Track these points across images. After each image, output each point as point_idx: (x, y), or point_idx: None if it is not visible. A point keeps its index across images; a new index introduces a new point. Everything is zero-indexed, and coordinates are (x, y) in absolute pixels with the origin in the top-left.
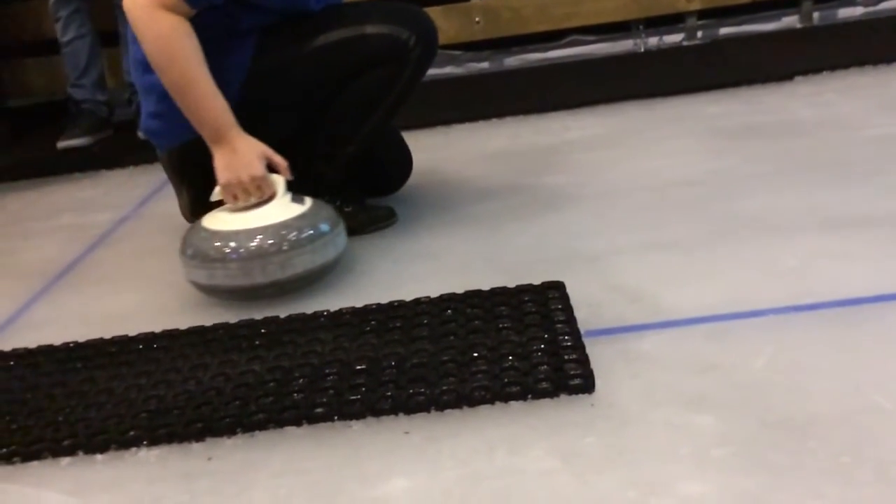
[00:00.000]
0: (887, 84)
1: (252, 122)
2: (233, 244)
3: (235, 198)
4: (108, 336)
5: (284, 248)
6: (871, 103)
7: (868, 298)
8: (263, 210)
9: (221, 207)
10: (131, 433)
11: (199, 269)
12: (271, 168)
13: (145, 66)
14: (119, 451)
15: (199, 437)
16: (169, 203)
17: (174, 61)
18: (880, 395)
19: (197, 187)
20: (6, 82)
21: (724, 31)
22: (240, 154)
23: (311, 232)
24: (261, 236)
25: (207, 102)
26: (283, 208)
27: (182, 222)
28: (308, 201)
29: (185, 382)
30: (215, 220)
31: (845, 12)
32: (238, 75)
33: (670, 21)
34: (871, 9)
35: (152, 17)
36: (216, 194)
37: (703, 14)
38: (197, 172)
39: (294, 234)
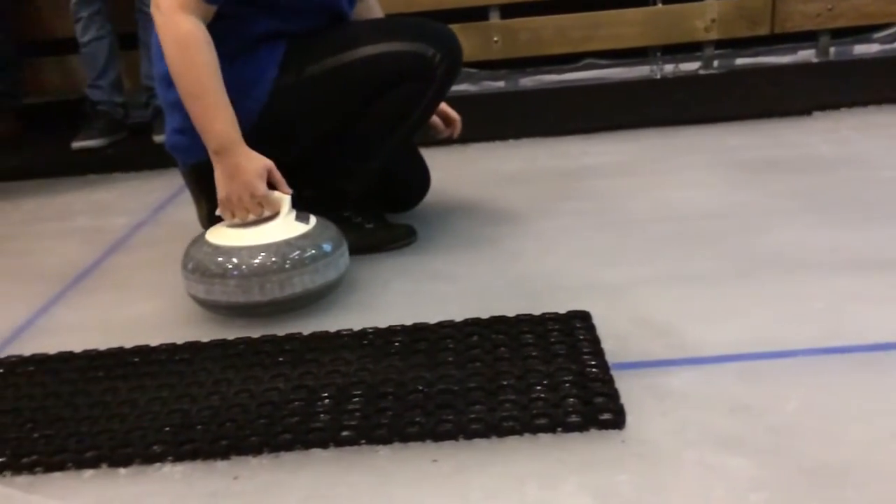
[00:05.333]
0: None
1: (272, 137)
2: (234, 260)
3: (233, 214)
4: (127, 345)
5: (285, 266)
6: (890, 143)
7: None
8: (266, 227)
9: (226, 222)
10: (155, 448)
11: (198, 284)
12: (272, 185)
13: (170, 82)
14: (142, 466)
15: (224, 454)
16: (185, 210)
17: (190, 68)
18: None
19: (214, 201)
20: (23, 80)
21: (739, 61)
22: (242, 171)
23: (313, 252)
24: (262, 254)
25: (217, 113)
26: (286, 226)
27: (199, 231)
28: (312, 220)
29: (208, 397)
30: (218, 235)
31: (861, 49)
32: (263, 88)
33: (686, 49)
34: (886, 46)
35: (173, 20)
36: (219, 210)
37: (720, 44)
38: (215, 187)
39: (296, 253)
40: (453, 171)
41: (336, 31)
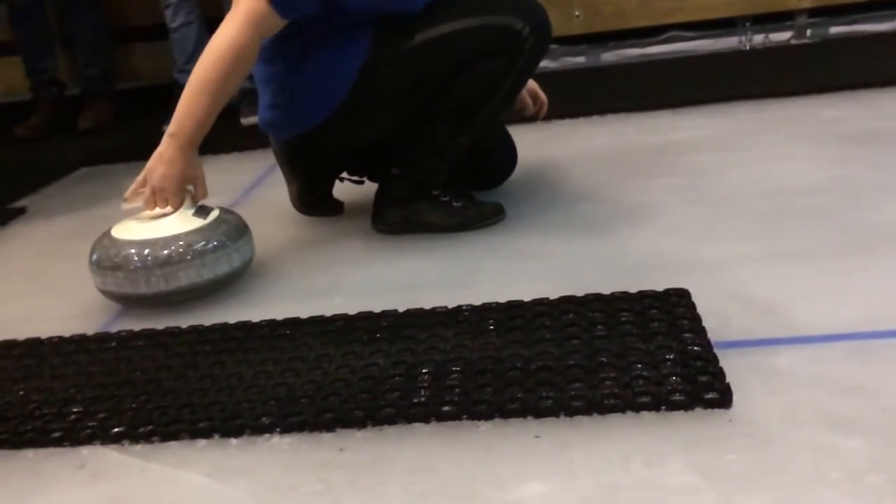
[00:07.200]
0: None
1: (361, 114)
2: (124, 254)
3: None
4: (230, 321)
5: (170, 260)
6: None
7: None
8: (162, 222)
9: (132, 216)
10: (264, 419)
11: (96, 276)
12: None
13: (265, 59)
14: (252, 437)
15: (329, 427)
16: (276, 191)
17: (218, 72)
18: None
19: (304, 179)
20: (115, 66)
21: (833, 30)
22: (172, 166)
23: (203, 246)
24: (150, 248)
25: (201, 115)
26: (181, 222)
27: (290, 210)
28: (213, 215)
29: (311, 371)
30: (121, 229)
31: None
32: (353, 65)
33: (776, 18)
34: None
35: (240, 27)
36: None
37: (813, 12)
38: (307, 165)
39: (183, 247)
40: (539, 147)
41: (427, 7)
